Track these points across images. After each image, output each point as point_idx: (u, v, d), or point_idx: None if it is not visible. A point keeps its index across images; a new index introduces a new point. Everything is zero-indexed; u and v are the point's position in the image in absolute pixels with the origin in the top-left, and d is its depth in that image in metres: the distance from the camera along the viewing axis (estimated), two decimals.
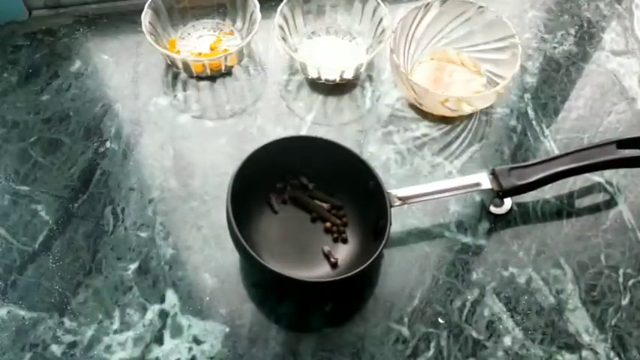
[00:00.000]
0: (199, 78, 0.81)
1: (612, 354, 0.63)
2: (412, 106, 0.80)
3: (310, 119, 0.78)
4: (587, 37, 0.87)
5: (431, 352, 0.63)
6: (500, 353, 0.63)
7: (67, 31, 0.85)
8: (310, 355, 0.62)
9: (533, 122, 0.79)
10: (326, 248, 0.68)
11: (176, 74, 0.82)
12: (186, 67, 0.79)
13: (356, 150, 0.68)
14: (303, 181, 0.71)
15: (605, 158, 0.69)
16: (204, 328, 0.64)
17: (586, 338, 0.64)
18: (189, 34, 0.85)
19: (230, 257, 0.68)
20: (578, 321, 0.65)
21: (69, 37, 0.85)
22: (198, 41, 0.84)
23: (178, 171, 0.74)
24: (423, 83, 0.76)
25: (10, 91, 0.79)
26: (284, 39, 0.79)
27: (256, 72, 0.82)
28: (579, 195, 0.73)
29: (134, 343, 0.63)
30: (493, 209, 0.71)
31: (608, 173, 0.74)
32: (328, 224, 0.69)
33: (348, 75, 0.79)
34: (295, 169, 0.71)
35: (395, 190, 0.67)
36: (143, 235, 0.69)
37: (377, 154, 0.76)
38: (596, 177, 0.74)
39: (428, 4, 0.78)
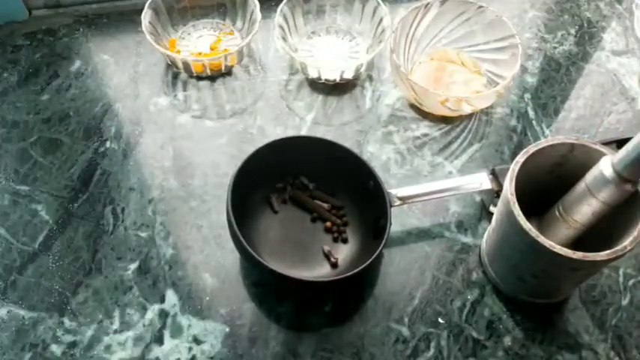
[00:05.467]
0: (199, 78, 0.81)
1: (612, 354, 0.63)
2: (412, 106, 0.80)
3: (310, 119, 0.78)
4: (588, 37, 0.87)
5: (431, 352, 0.63)
6: (500, 353, 0.63)
7: (67, 31, 0.85)
8: (310, 355, 0.62)
9: (534, 122, 0.79)
10: (326, 248, 0.68)
11: (176, 74, 0.82)
12: (186, 67, 0.79)
13: (356, 150, 0.68)
14: (303, 181, 0.71)
15: None
16: (204, 328, 0.64)
17: (586, 338, 0.64)
18: (189, 34, 0.85)
19: (230, 257, 0.68)
20: (578, 321, 0.65)
21: (69, 37, 0.85)
22: (198, 41, 0.84)
23: (178, 171, 0.74)
24: (423, 83, 0.76)
25: (10, 91, 0.79)
26: (284, 39, 0.79)
27: (256, 72, 0.82)
28: None
29: (134, 343, 0.63)
30: (493, 209, 0.71)
31: None
32: (328, 224, 0.69)
33: (348, 75, 0.79)
34: (295, 169, 0.71)
35: (395, 189, 0.67)
36: (143, 235, 0.69)
37: (377, 154, 0.76)
38: None
39: (428, 4, 0.78)
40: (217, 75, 0.82)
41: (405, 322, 0.65)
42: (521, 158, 0.58)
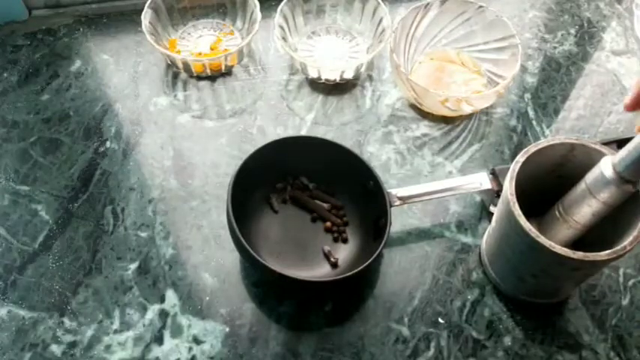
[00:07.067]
0: (199, 78, 0.81)
1: (612, 354, 0.63)
2: (412, 106, 0.80)
3: (310, 119, 0.78)
4: (588, 37, 0.87)
5: (431, 352, 0.63)
6: (500, 353, 0.63)
7: (67, 31, 0.85)
8: (310, 355, 0.62)
9: (534, 122, 0.79)
10: (326, 248, 0.68)
11: (176, 74, 0.82)
12: (187, 66, 0.79)
13: (356, 150, 0.68)
14: (303, 181, 0.71)
15: None
16: (204, 328, 0.64)
17: (586, 338, 0.64)
18: (189, 33, 0.85)
19: (230, 257, 0.68)
20: (578, 321, 0.65)
21: (69, 37, 0.85)
22: (199, 41, 0.84)
23: (178, 171, 0.74)
24: (423, 83, 0.76)
25: (10, 91, 0.79)
26: (284, 39, 0.79)
27: (256, 72, 0.82)
28: None
29: (134, 343, 0.63)
30: (493, 209, 0.71)
31: None
32: (328, 224, 0.69)
33: (348, 75, 0.79)
34: (295, 169, 0.71)
35: (395, 189, 0.67)
36: (143, 235, 0.69)
37: (377, 154, 0.76)
38: None
39: (428, 4, 0.78)
40: (217, 75, 0.82)
41: (405, 322, 0.65)
42: (521, 158, 0.58)
